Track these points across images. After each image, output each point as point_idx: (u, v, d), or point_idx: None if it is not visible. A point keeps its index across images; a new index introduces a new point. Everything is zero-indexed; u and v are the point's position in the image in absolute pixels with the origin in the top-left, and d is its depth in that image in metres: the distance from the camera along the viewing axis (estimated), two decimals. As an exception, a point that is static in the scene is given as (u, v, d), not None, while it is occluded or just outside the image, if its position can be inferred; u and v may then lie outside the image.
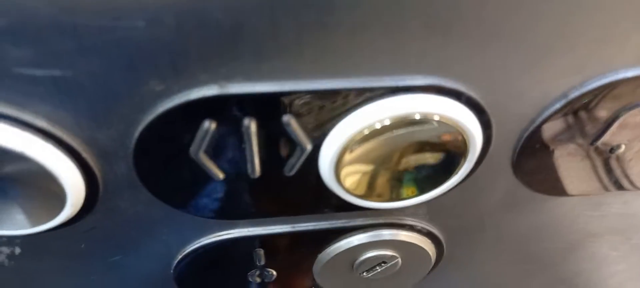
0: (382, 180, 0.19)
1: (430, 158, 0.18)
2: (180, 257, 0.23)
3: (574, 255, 0.27)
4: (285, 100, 0.16)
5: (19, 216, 0.19)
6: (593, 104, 0.18)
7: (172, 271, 0.24)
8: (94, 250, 0.22)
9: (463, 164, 0.19)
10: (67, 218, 0.19)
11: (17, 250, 0.21)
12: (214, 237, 0.22)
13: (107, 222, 0.20)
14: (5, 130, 0.16)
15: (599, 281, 0.30)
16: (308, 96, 0.16)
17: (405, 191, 0.19)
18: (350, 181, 0.19)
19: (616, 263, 0.28)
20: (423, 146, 0.18)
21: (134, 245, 0.22)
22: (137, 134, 0.17)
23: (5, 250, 0.21)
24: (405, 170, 0.18)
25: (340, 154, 0.18)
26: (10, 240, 0.20)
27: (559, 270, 0.28)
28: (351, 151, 0.18)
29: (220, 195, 0.20)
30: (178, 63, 0.15)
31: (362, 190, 0.19)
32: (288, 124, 0.17)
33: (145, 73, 0.15)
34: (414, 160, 0.18)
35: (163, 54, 0.15)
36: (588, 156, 0.20)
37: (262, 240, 0.23)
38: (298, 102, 0.17)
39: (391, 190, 0.19)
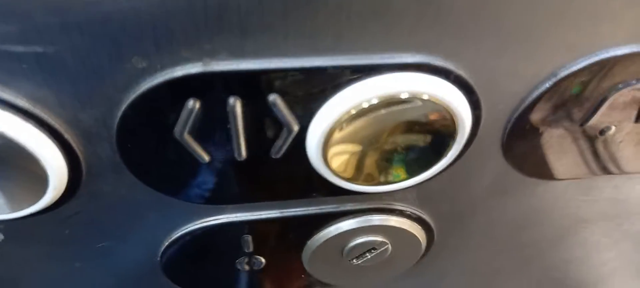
0: (370, 162, 0.19)
1: (419, 139, 0.18)
2: (166, 243, 0.23)
3: (566, 242, 0.27)
4: (272, 78, 0.16)
5: (1, 201, 0.18)
6: (583, 83, 0.18)
7: (158, 258, 0.23)
8: (78, 236, 0.21)
9: (452, 145, 0.18)
10: (50, 203, 0.18)
11: (0, 237, 0.21)
12: (200, 223, 0.22)
13: (91, 206, 0.20)
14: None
15: (590, 268, 0.30)
16: (294, 74, 0.16)
17: (394, 173, 0.19)
18: (337, 163, 0.19)
19: (608, 250, 0.28)
20: (412, 126, 0.18)
21: (120, 231, 0.22)
22: (120, 113, 0.16)
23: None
24: (394, 152, 0.18)
25: (327, 135, 0.17)
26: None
27: (551, 257, 0.28)
28: (339, 131, 0.17)
29: (205, 178, 0.19)
30: (161, 39, 0.15)
31: (350, 172, 0.19)
32: (274, 104, 0.17)
33: (128, 50, 0.15)
34: (402, 140, 0.18)
35: (146, 30, 0.14)
36: (578, 138, 0.20)
37: (250, 226, 0.22)
38: (285, 81, 0.16)
39: (379, 173, 0.19)
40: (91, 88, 0.16)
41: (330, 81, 0.17)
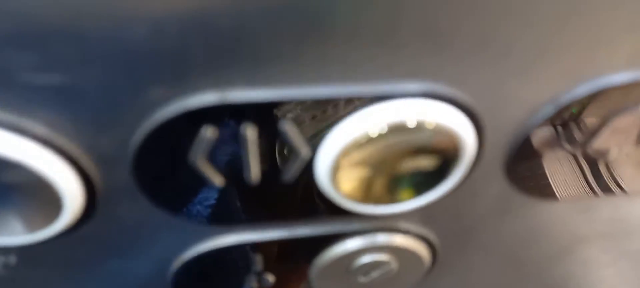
0: (377, 185, 0.19)
1: (425, 163, 0.19)
2: (177, 263, 0.23)
3: (565, 259, 0.28)
4: (284, 106, 0.17)
5: (16, 225, 0.19)
6: (583, 108, 0.19)
7: (169, 277, 0.24)
8: (91, 257, 0.22)
9: (456, 169, 0.19)
10: (65, 227, 0.19)
11: (13, 260, 0.21)
12: (211, 243, 0.22)
13: (105, 229, 0.20)
14: (3, 137, 0.16)
15: (589, 284, 0.30)
16: (305, 102, 0.17)
17: (400, 196, 0.20)
18: (346, 186, 0.19)
19: (606, 267, 0.29)
20: (417, 151, 0.18)
21: (132, 252, 0.22)
22: (136, 141, 0.17)
23: (1, 259, 0.21)
24: (400, 175, 0.19)
25: (336, 160, 0.18)
26: (5, 250, 0.20)
27: (551, 274, 0.29)
28: (347, 156, 0.18)
29: (218, 201, 0.20)
30: (178, 70, 0.15)
31: (358, 195, 0.20)
32: (285, 130, 0.17)
33: (146, 81, 0.15)
34: (408, 165, 0.19)
35: (164, 62, 0.15)
36: (579, 161, 0.20)
37: (259, 245, 0.23)
38: (296, 109, 0.17)
39: (386, 195, 0.20)
40: (109, 116, 0.16)
41: (340, 109, 0.17)
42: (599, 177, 0.21)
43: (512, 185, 0.21)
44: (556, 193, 0.22)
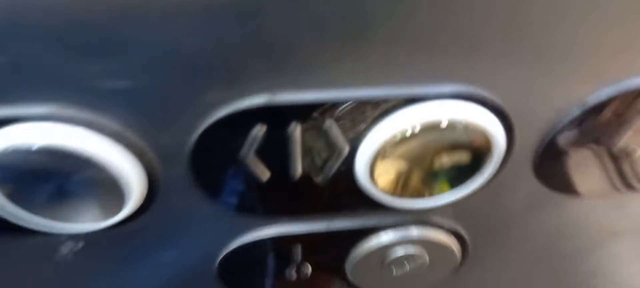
0: (412, 181, 0.20)
1: (457, 160, 0.20)
2: (224, 253, 0.25)
3: (597, 254, 0.28)
4: (328, 107, 0.18)
5: (87, 214, 0.21)
6: (611, 109, 0.20)
7: (215, 266, 0.26)
8: (147, 246, 0.24)
9: (487, 166, 0.20)
10: (127, 216, 0.21)
11: (80, 245, 0.23)
12: (254, 235, 0.24)
13: (162, 220, 0.22)
14: (81, 134, 0.18)
15: (622, 279, 0.31)
16: (347, 103, 0.18)
17: (434, 191, 0.21)
18: (383, 181, 0.21)
19: (639, 262, 0.29)
20: (451, 149, 0.19)
21: (184, 242, 0.24)
22: (194, 138, 0.19)
23: (71, 244, 0.23)
24: (434, 172, 0.20)
25: (374, 157, 0.19)
26: (76, 236, 0.23)
27: (583, 269, 0.29)
28: (385, 153, 0.19)
29: (264, 194, 0.22)
30: (233, 76, 0.17)
31: (394, 189, 0.21)
32: (329, 129, 0.19)
33: (203, 85, 0.17)
34: (441, 162, 0.20)
35: (219, 68, 0.17)
36: (605, 159, 0.21)
37: (300, 237, 0.24)
38: (339, 109, 0.18)
39: (421, 190, 0.21)
40: (170, 117, 0.18)
41: (379, 109, 0.19)
42: (624, 176, 0.22)
43: (540, 182, 0.22)
44: (583, 191, 0.22)
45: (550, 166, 0.22)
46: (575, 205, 0.24)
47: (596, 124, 0.20)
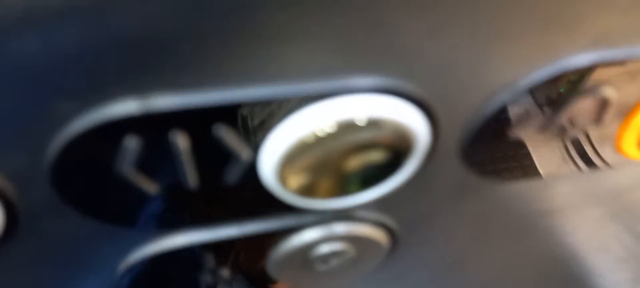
0: (327, 184, 0.18)
1: (376, 158, 0.17)
2: (126, 268, 0.22)
3: (529, 231, 0.27)
4: (214, 110, 0.15)
5: None
6: (542, 92, 0.18)
7: (121, 283, 0.22)
8: (30, 273, 0.20)
9: (410, 161, 0.18)
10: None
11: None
12: (159, 246, 0.21)
13: (37, 245, 0.19)
14: None
15: (555, 251, 0.31)
16: (239, 105, 0.15)
17: (352, 191, 0.19)
18: (294, 184, 0.18)
19: (570, 235, 0.29)
20: (368, 146, 0.17)
21: (73, 264, 0.21)
22: (51, 156, 0.15)
23: None
24: (350, 172, 0.18)
25: (280, 162, 0.17)
26: None
27: (516, 245, 0.29)
28: (292, 158, 0.17)
29: (158, 207, 0.19)
30: (89, 81, 0.14)
31: (307, 192, 0.18)
32: (220, 136, 0.16)
33: (52, 94, 0.14)
34: (359, 161, 0.17)
35: (70, 73, 0.13)
36: (536, 143, 0.20)
37: (209, 245, 0.22)
38: (229, 112, 0.15)
39: (338, 191, 0.19)
40: (17, 130, 0.14)
41: (280, 107, 0.16)
42: (557, 158, 0.20)
43: (469, 169, 0.20)
44: (513, 175, 0.21)
45: (478, 153, 0.20)
46: (504, 188, 0.23)
47: (526, 108, 0.18)
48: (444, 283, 0.31)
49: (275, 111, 0.17)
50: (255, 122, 0.17)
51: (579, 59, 0.17)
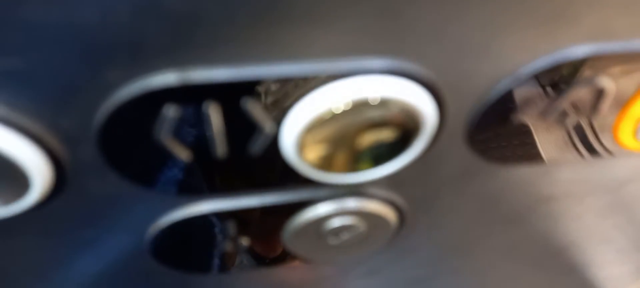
0: (342, 158, 0.20)
1: (387, 136, 0.19)
2: (153, 230, 0.24)
3: (532, 216, 0.29)
4: (245, 85, 0.17)
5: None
6: (544, 80, 0.19)
7: (146, 244, 0.24)
8: (67, 229, 0.22)
9: (418, 141, 0.19)
10: (35, 202, 0.19)
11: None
12: (185, 211, 0.23)
13: (78, 202, 0.21)
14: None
15: (556, 238, 0.32)
16: (266, 81, 0.17)
17: (364, 167, 0.20)
18: (312, 158, 0.20)
19: (571, 222, 0.30)
20: (379, 125, 0.19)
21: (106, 223, 0.23)
22: (99, 120, 0.17)
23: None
24: (363, 148, 0.19)
25: (300, 136, 0.18)
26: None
27: (518, 230, 0.30)
28: (311, 132, 0.18)
29: (187, 173, 0.20)
30: (135, 52, 0.15)
31: (324, 166, 0.20)
32: (248, 108, 0.17)
33: (102, 64, 0.15)
34: (371, 138, 0.19)
35: (119, 44, 0.15)
36: (538, 129, 0.21)
37: (232, 212, 0.23)
38: (257, 87, 0.17)
39: (351, 166, 0.20)
40: (67, 98, 0.16)
41: (302, 85, 0.17)
42: (557, 145, 0.22)
43: (474, 152, 0.22)
44: (516, 160, 0.22)
45: (483, 137, 0.21)
46: (508, 173, 0.24)
47: (529, 95, 0.20)
48: (447, 265, 0.32)
49: (290, 90, 0.18)
50: (269, 99, 0.19)
51: (579, 50, 0.18)
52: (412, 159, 0.20)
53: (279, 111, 0.18)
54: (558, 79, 0.19)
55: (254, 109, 0.18)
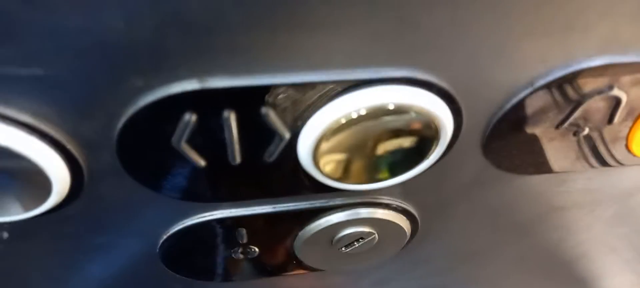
0: (358, 165, 0.20)
1: (403, 144, 0.19)
2: (165, 236, 0.24)
3: (543, 226, 0.29)
4: (263, 92, 0.17)
5: (7, 204, 0.19)
6: (558, 91, 0.19)
7: (157, 250, 0.25)
8: (80, 233, 0.23)
9: (434, 149, 0.20)
10: (53, 206, 0.19)
11: (5, 235, 0.22)
12: (197, 218, 0.23)
13: (93, 207, 0.21)
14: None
15: (565, 249, 0.32)
16: (285, 88, 0.17)
17: (380, 175, 0.20)
18: (327, 167, 0.20)
19: (581, 232, 0.30)
20: (396, 134, 0.19)
21: (120, 228, 0.23)
22: (119, 126, 0.17)
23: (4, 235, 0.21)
24: (380, 156, 0.19)
25: (317, 142, 0.18)
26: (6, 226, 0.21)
27: (528, 241, 0.30)
28: (328, 139, 0.18)
29: (202, 180, 0.20)
30: (158, 60, 0.16)
31: (339, 174, 0.20)
32: (266, 115, 0.18)
33: (126, 70, 0.16)
34: (387, 146, 0.19)
35: (143, 52, 0.15)
36: (553, 139, 0.21)
37: (244, 220, 0.24)
38: (276, 95, 0.17)
39: (367, 174, 0.20)
40: (90, 104, 0.17)
41: (319, 94, 0.18)
42: (571, 155, 0.22)
43: (489, 161, 0.22)
44: (530, 169, 0.22)
45: (498, 146, 0.21)
46: (520, 182, 0.24)
47: (544, 106, 0.20)
48: (458, 274, 0.32)
49: (308, 98, 0.18)
50: (286, 107, 0.19)
51: (592, 61, 0.18)
52: (427, 167, 0.21)
53: (296, 119, 0.18)
54: (571, 90, 0.19)
55: (271, 116, 0.18)
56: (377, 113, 0.18)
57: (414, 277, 0.31)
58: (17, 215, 0.20)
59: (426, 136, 0.19)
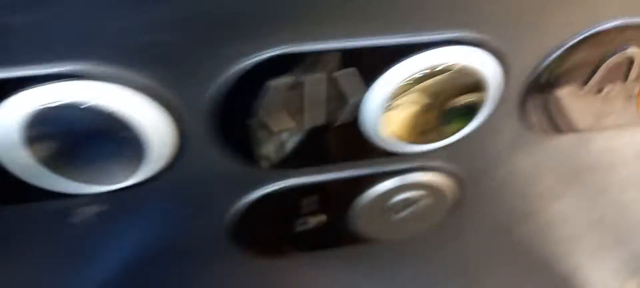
0: (418, 124, 0.23)
1: (459, 101, 0.22)
2: (235, 207, 0.26)
3: (569, 192, 0.32)
4: (336, 57, 0.20)
5: (112, 171, 0.22)
6: (584, 51, 0.22)
7: (226, 222, 0.27)
8: (170, 206, 0.25)
9: (484, 106, 0.23)
10: (151, 174, 0.22)
11: (103, 208, 0.24)
12: (269, 187, 0.26)
13: (182, 178, 0.23)
14: (107, 90, 0.19)
15: (586, 216, 0.35)
16: (354, 53, 0.20)
17: (437, 133, 0.23)
18: (390, 126, 0.23)
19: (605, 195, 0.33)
20: (453, 92, 0.22)
21: (197, 200, 0.25)
22: (214, 92, 0.20)
23: (95, 208, 0.24)
24: (437, 114, 0.22)
25: (382, 103, 0.21)
26: (100, 197, 0.23)
27: (555, 208, 0.33)
28: (392, 100, 0.21)
29: (278, 145, 0.23)
30: (250, 30, 0.19)
31: (400, 134, 0.23)
32: (337, 78, 0.20)
33: (222, 40, 0.19)
34: (444, 105, 0.22)
35: (237, 23, 0.18)
36: (580, 97, 0.24)
37: (309, 188, 0.26)
38: (346, 59, 0.20)
39: (425, 133, 0.23)
40: (193, 70, 0.19)
41: (385, 57, 0.21)
42: (596, 112, 0.25)
43: (524, 122, 0.25)
44: (561, 127, 0.25)
45: (532, 106, 0.24)
46: (552, 144, 0.27)
47: (572, 65, 0.23)
48: (494, 247, 0.35)
49: (377, 62, 0.21)
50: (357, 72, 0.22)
51: (612, 22, 0.22)
52: (477, 124, 0.24)
53: (364, 85, 0.21)
54: (594, 49, 0.23)
55: (341, 79, 0.21)
56: (435, 73, 0.21)
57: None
58: (120, 182, 0.22)
59: (477, 92, 0.22)
